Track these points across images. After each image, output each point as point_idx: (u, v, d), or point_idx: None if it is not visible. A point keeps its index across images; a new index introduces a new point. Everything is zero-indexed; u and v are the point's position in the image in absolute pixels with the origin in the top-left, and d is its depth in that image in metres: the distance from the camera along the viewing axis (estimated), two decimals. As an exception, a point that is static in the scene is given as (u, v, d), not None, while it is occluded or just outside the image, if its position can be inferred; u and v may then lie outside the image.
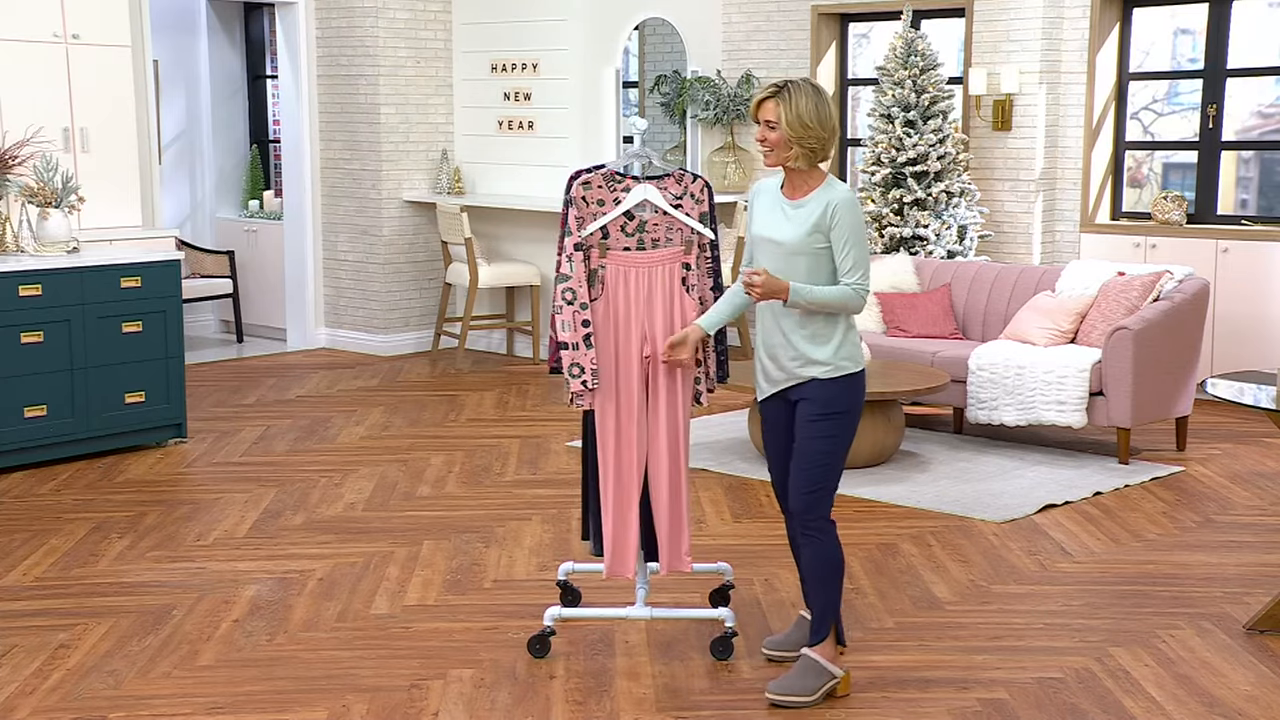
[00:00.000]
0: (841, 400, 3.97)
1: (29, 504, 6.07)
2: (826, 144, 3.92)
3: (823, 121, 3.89)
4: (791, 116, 3.88)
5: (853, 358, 3.99)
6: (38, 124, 7.62)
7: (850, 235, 3.90)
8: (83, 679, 4.15)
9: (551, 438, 7.32)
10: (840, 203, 3.90)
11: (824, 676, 4.01)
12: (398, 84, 9.77)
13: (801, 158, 3.92)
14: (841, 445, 4.00)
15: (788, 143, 3.90)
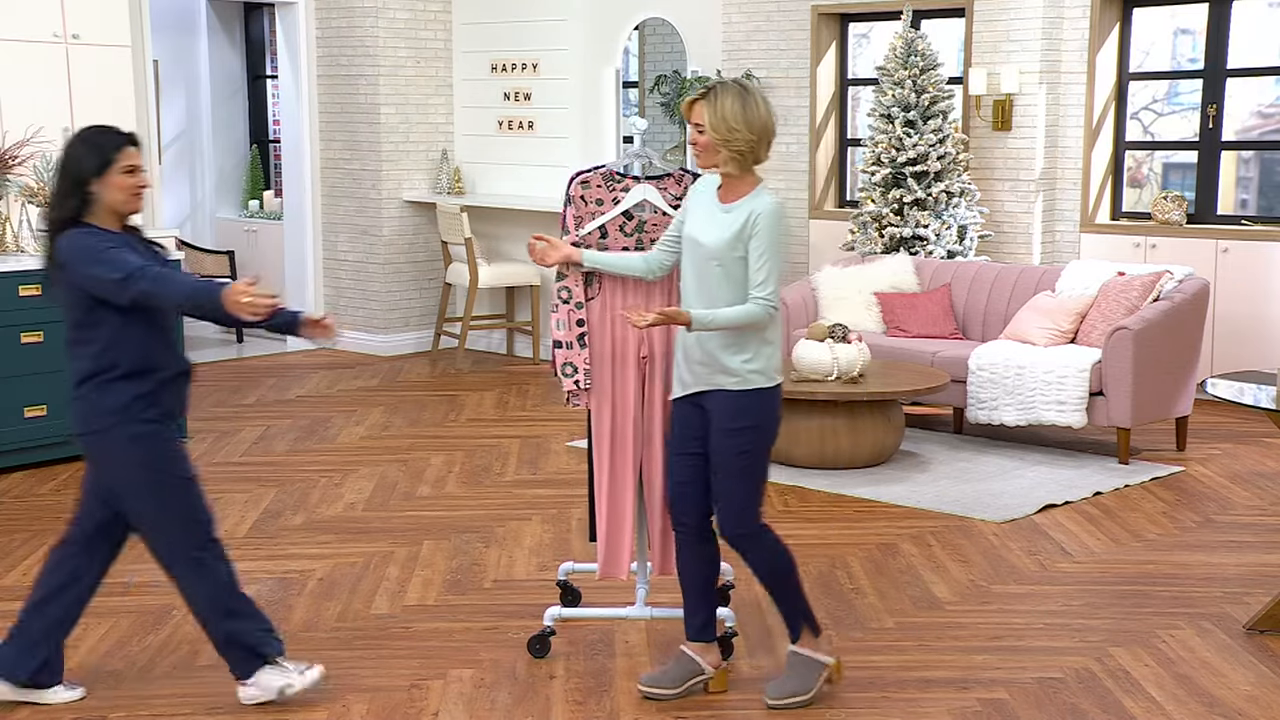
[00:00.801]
0: (750, 414, 3.86)
1: (29, 504, 6.08)
2: (757, 147, 3.80)
3: (750, 124, 3.77)
4: (716, 119, 3.77)
5: (765, 372, 3.87)
6: (38, 124, 7.61)
7: (767, 248, 3.78)
8: (83, 679, 4.14)
9: (551, 438, 7.32)
10: (762, 213, 3.79)
11: (816, 668, 4.00)
12: (398, 84, 9.77)
13: (730, 161, 3.81)
14: (757, 459, 3.91)
15: (714, 146, 3.80)
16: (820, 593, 4.93)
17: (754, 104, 3.79)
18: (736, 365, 3.84)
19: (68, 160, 3.76)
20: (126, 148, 3.78)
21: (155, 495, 3.86)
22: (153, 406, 3.82)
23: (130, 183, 3.77)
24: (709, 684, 4.07)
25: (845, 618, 4.70)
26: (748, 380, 3.85)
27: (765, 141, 3.81)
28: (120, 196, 3.77)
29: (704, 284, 3.85)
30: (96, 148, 3.76)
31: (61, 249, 3.74)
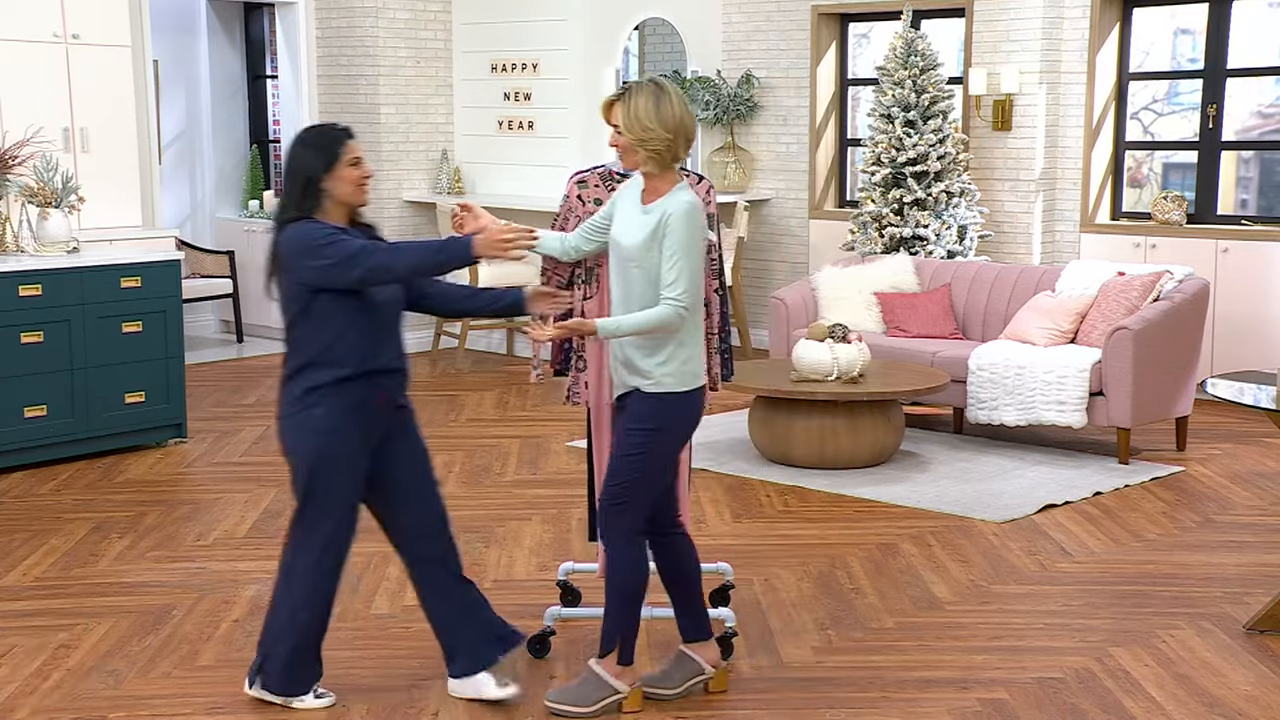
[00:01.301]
0: (657, 417, 3.80)
1: (29, 504, 6.08)
2: (674, 146, 3.76)
3: (664, 122, 3.73)
4: (630, 119, 3.74)
5: (679, 376, 3.79)
6: (38, 124, 7.62)
7: (679, 248, 3.71)
8: (83, 679, 4.15)
9: (551, 438, 7.32)
10: (675, 213, 3.72)
11: (605, 689, 3.90)
12: (398, 84, 9.77)
13: (648, 161, 3.78)
14: (652, 462, 3.83)
15: (632, 147, 3.78)
16: (820, 593, 4.94)
17: (668, 103, 3.75)
18: (649, 367, 3.79)
19: (295, 163, 3.83)
20: (348, 142, 3.84)
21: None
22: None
23: (356, 174, 3.82)
24: (709, 684, 4.06)
25: (845, 618, 4.70)
26: (660, 383, 3.79)
27: (682, 140, 3.77)
28: (349, 189, 3.82)
29: (626, 286, 3.82)
30: (321, 147, 3.82)
31: (282, 242, 3.81)
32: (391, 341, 3.90)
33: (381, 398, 3.88)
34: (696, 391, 3.86)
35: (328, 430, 3.81)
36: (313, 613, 3.95)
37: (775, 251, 10.00)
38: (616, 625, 3.91)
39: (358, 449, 3.86)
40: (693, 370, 3.83)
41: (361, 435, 3.86)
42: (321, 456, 3.83)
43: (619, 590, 3.88)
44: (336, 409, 3.81)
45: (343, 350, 3.80)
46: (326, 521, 3.88)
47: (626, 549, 3.86)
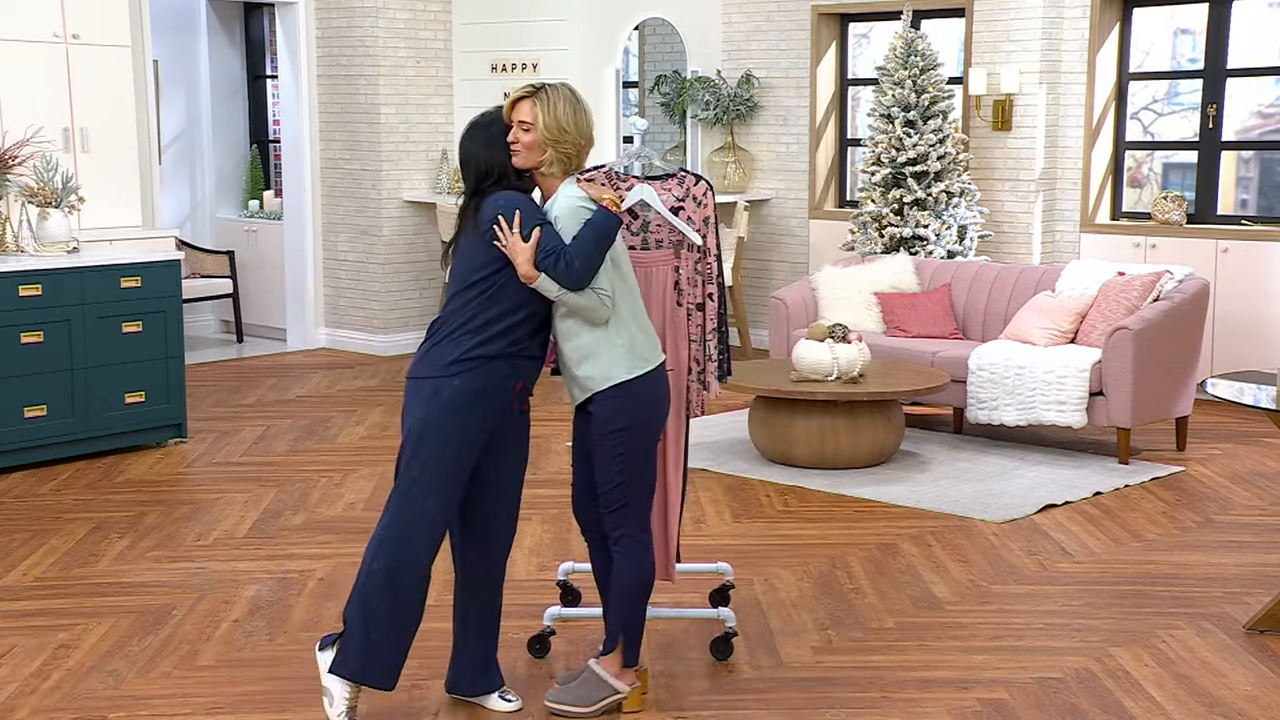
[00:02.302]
0: (620, 414, 3.77)
1: (29, 504, 6.08)
2: (583, 151, 3.81)
3: (580, 128, 3.78)
4: (549, 119, 3.75)
5: (626, 364, 3.77)
6: (38, 124, 7.62)
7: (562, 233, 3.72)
8: (83, 679, 4.15)
9: (551, 438, 7.32)
10: (561, 212, 3.74)
11: (605, 690, 3.90)
12: (398, 84, 9.77)
13: (555, 163, 3.79)
14: (634, 460, 3.80)
15: (542, 145, 3.77)
16: (820, 593, 4.94)
17: (582, 110, 3.83)
18: (592, 371, 3.77)
19: (474, 160, 3.84)
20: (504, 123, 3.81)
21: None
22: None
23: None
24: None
25: (845, 618, 4.70)
26: (609, 378, 3.76)
27: (588, 148, 3.83)
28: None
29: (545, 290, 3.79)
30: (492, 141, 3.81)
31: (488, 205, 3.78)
32: (543, 330, 3.84)
33: (518, 385, 3.82)
34: (651, 373, 3.82)
35: (459, 404, 3.75)
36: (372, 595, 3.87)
37: (775, 251, 10.00)
38: (620, 624, 3.91)
39: (481, 430, 3.80)
40: (640, 353, 3.80)
41: (492, 418, 3.80)
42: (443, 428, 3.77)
43: (624, 591, 3.88)
44: (476, 385, 3.75)
45: (502, 329, 3.75)
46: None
47: (632, 550, 3.86)
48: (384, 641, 3.78)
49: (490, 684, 3.99)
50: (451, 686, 4.03)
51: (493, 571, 3.99)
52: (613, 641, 3.92)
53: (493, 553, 3.98)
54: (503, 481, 3.93)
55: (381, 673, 3.81)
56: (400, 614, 3.78)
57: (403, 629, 3.80)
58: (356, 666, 3.79)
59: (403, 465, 3.86)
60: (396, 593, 3.76)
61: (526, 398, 3.89)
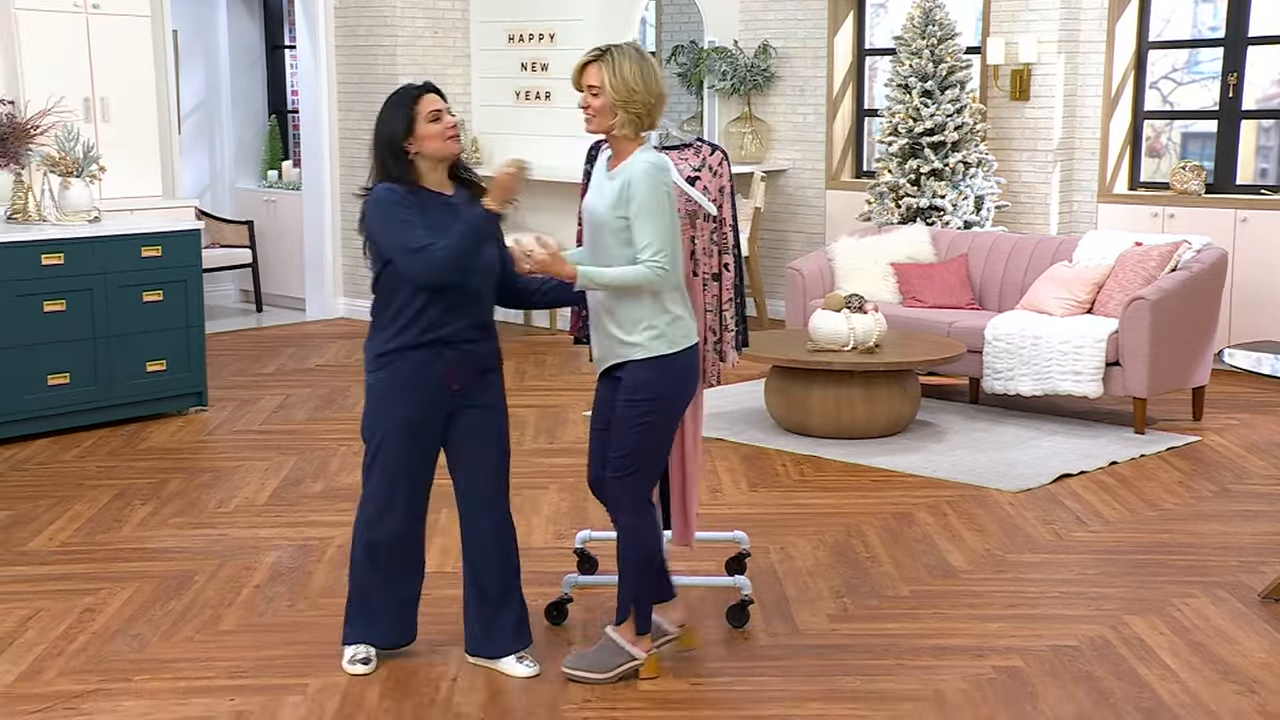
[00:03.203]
0: (653, 385, 3.79)
1: (54, 470, 6.14)
2: (653, 109, 3.77)
3: (648, 85, 3.74)
4: (616, 80, 3.73)
5: (668, 338, 3.79)
6: (59, 94, 7.65)
7: (644, 208, 3.70)
8: (108, 642, 4.21)
9: (569, 407, 7.36)
10: (635, 176, 3.71)
11: (622, 656, 3.93)
12: (415, 54, 9.77)
13: (628, 124, 3.77)
14: (654, 432, 3.83)
15: (612, 108, 3.75)
16: (836, 561, 4.97)
17: (650, 67, 3.78)
18: (637, 337, 3.79)
19: (378, 130, 3.80)
20: (423, 97, 3.79)
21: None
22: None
23: (438, 128, 3.77)
24: (681, 641, 4.07)
25: (861, 586, 4.73)
26: (649, 348, 3.79)
27: (660, 105, 3.79)
28: (435, 144, 3.79)
29: (599, 254, 3.81)
30: (396, 108, 3.78)
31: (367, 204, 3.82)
32: (463, 315, 3.83)
33: (447, 370, 3.84)
34: (689, 351, 3.85)
35: (385, 394, 3.84)
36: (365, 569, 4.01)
37: (792, 222, 10.00)
38: (630, 593, 3.94)
39: (417, 418, 3.85)
40: (681, 330, 3.83)
41: (423, 404, 3.84)
42: (379, 423, 3.87)
43: (630, 559, 3.91)
44: (398, 375, 3.82)
45: (408, 317, 3.79)
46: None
47: (635, 518, 3.88)
48: (382, 607, 4.01)
49: (501, 648, 4.03)
50: (469, 649, 4.08)
51: (486, 541, 3.99)
52: (625, 610, 3.96)
53: (482, 525, 3.99)
54: (473, 460, 3.94)
55: (382, 634, 4.04)
56: (390, 582, 4.00)
57: (395, 593, 4.01)
58: (360, 632, 4.03)
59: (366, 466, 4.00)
60: (379, 565, 3.98)
61: (468, 377, 3.88)
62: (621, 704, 3.80)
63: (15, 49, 7.92)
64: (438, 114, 3.78)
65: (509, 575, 4.04)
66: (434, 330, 3.79)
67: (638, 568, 3.92)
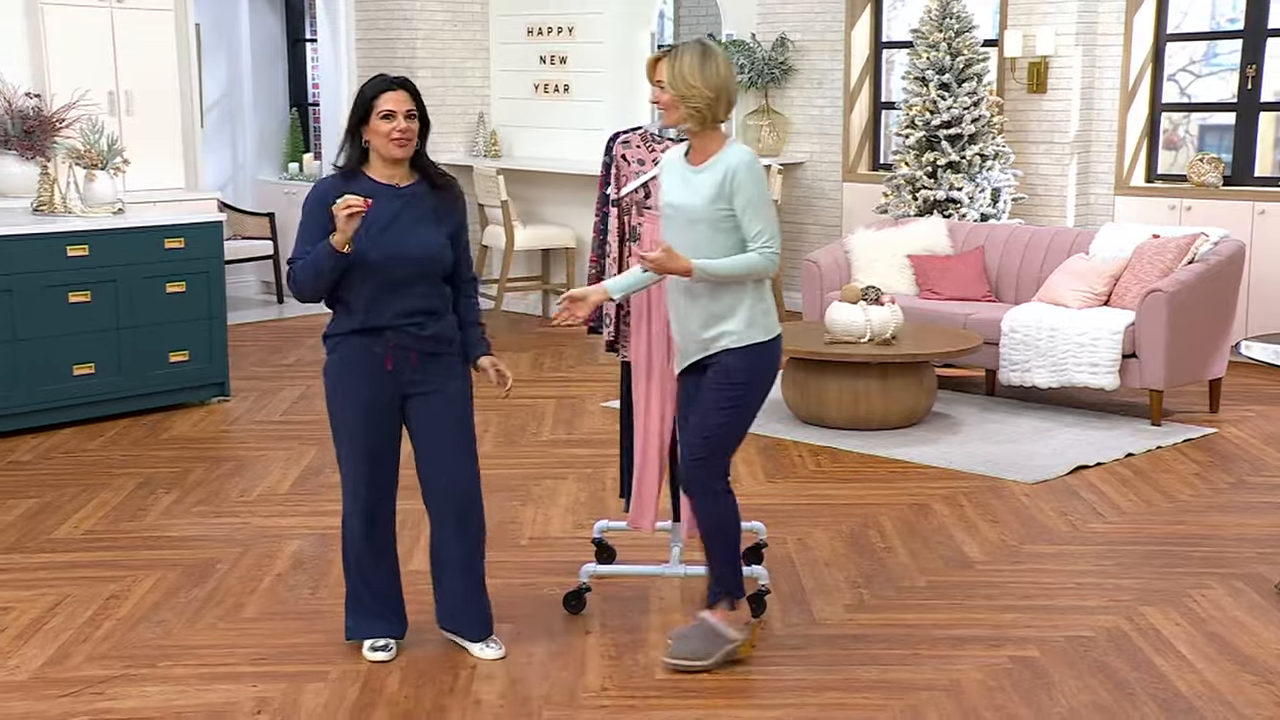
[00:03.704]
0: (746, 371, 3.88)
1: (79, 459, 6.21)
2: (715, 105, 3.81)
3: (707, 81, 3.79)
4: (675, 75, 3.80)
5: (763, 326, 3.90)
6: (84, 87, 7.72)
7: (752, 200, 3.81)
8: (133, 628, 4.26)
9: (587, 398, 7.40)
10: (739, 166, 3.81)
11: (720, 641, 3.98)
12: (435, 47, 9.81)
13: (690, 118, 3.83)
14: (739, 417, 3.91)
15: (675, 103, 3.84)
16: (853, 552, 5.00)
17: (713, 63, 3.82)
18: (734, 325, 3.88)
19: (351, 111, 3.88)
20: (385, 93, 3.81)
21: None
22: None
23: (385, 128, 3.81)
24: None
25: (877, 576, 4.76)
26: (745, 337, 3.89)
27: (723, 100, 3.83)
28: (379, 141, 3.84)
29: (694, 245, 3.86)
30: (361, 98, 3.84)
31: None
32: (400, 301, 3.86)
33: (386, 353, 3.88)
34: (778, 339, 3.97)
35: (335, 377, 3.92)
36: (348, 561, 4.06)
37: (809, 214, 10.02)
38: (722, 574, 4.01)
39: (365, 399, 3.90)
40: (772, 320, 3.96)
41: (369, 387, 3.88)
42: (334, 406, 3.95)
43: (714, 541, 3.98)
44: (344, 359, 3.89)
45: (351, 303, 3.86)
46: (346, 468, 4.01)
47: (714, 500, 3.95)
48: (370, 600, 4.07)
49: (471, 635, 4.09)
50: (440, 624, 4.16)
51: (447, 529, 4.02)
52: (717, 592, 4.01)
53: (444, 510, 4.00)
54: (430, 445, 3.97)
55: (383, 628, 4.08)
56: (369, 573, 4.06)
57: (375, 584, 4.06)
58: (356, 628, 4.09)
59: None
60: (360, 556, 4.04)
61: (408, 360, 3.89)
62: (639, 693, 3.83)
63: (41, 43, 7.98)
64: (390, 114, 3.82)
65: (472, 566, 4.06)
66: (375, 315, 3.85)
67: (725, 546, 3.99)
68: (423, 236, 3.87)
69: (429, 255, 3.89)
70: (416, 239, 3.86)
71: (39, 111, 7.65)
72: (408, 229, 3.85)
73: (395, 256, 3.82)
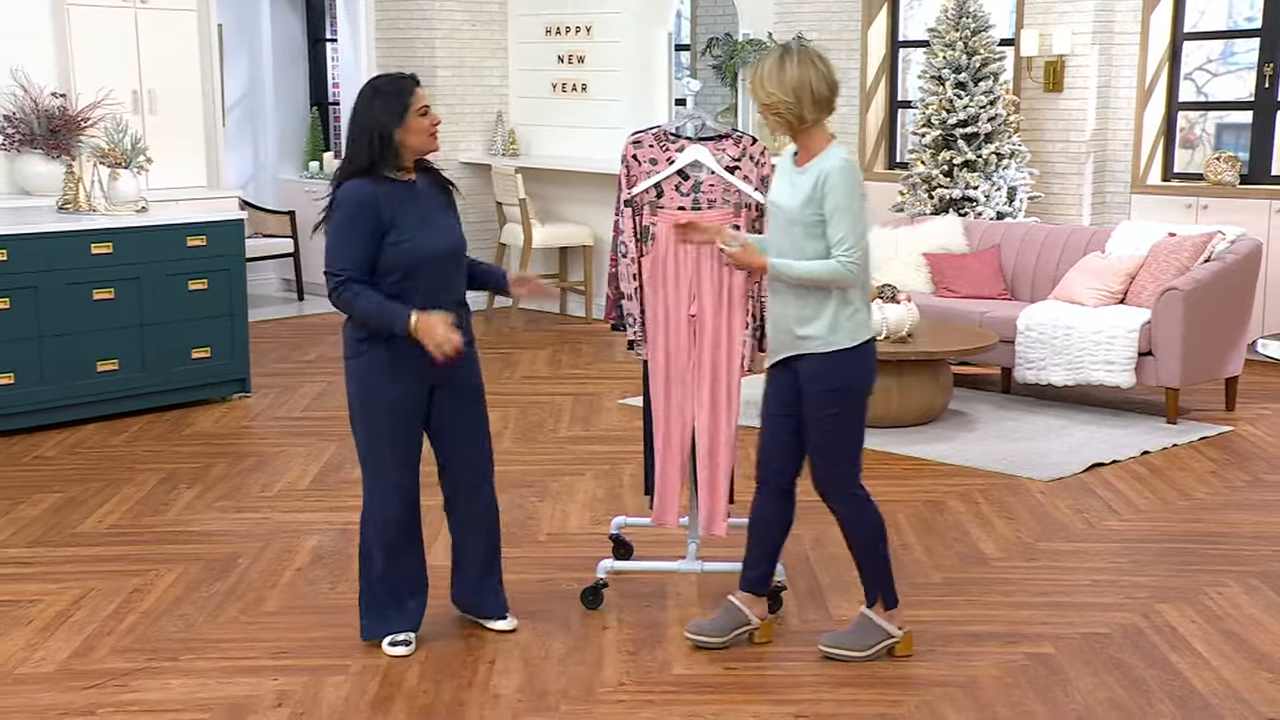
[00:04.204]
0: (837, 377, 3.91)
1: (103, 454, 6.27)
2: (797, 110, 3.80)
3: (784, 85, 3.78)
4: (755, 85, 3.84)
5: (849, 331, 3.89)
6: (108, 87, 7.79)
7: (840, 206, 3.78)
8: (155, 622, 4.30)
9: (604, 395, 7.43)
10: (831, 171, 3.79)
11: (879, 634, 4.05)
12: (454, 47, 9.86)
13: (779, 125, 3.86)
14: (847, 422, 3.97)
15: (764, 111, 3.87)
16: (868, 547, 5.01)
17: (791, 66, 3.80)
18: (819, 330, 3.88)
19: (366, 116, 3.89)
20: (416, 90, 3.90)
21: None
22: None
23: (426, 123, 3.90)
24: (754, 634, 4.16)
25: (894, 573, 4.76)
26: (830, 342, 3.88)
27: (806, 101, 3.80)
28: (421, 139, 3.91)
29: (792, 246, 3.90)
30: (391, 98, 3.88)
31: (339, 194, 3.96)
32: (445, 293, 3.96)
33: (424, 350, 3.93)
34: (869, 344, 3.97)
35: (372, 373, 3.95)
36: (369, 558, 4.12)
37: (827, 213, 10.01)
38: (874, 575, 4.07)
39: (399, 398, 3.96)
40: (860, 322, 3.93)
41: (407, 381, 3.95)
42: (364, 406, 3.98)
43: (859, 543, 4.05)
44: (384, 355, 3.93)
45: (410, 302, 3.90)
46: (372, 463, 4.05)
47: (854, 506, 4.01)
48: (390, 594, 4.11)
49: (489, 613, 4.24)
50: (458, 606, 4.29)
51: (473, 519, 4.16)
52: (873, 592, 4.08)
53: (469, 503, 4.14)
54: (456, 438, 4.08)
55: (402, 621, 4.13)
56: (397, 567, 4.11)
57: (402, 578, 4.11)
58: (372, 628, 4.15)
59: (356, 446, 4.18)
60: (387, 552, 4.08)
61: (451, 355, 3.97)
62: (656, 688, 3.86)
63: (67, 44, 8.05)
64: (426, 109, 3.91)
65: (493, 552, 4.23)
66: (430, 309, 3.89)
67: (869, 549, 4.05)
68: (449, 226, 4.01)
69: (461, 242, 4.04)
70: (447, 229, 3.99)
71: (64, 111, 7.72)
72: (437, 222, 3.97)
73: (444, 249, 3.95)
